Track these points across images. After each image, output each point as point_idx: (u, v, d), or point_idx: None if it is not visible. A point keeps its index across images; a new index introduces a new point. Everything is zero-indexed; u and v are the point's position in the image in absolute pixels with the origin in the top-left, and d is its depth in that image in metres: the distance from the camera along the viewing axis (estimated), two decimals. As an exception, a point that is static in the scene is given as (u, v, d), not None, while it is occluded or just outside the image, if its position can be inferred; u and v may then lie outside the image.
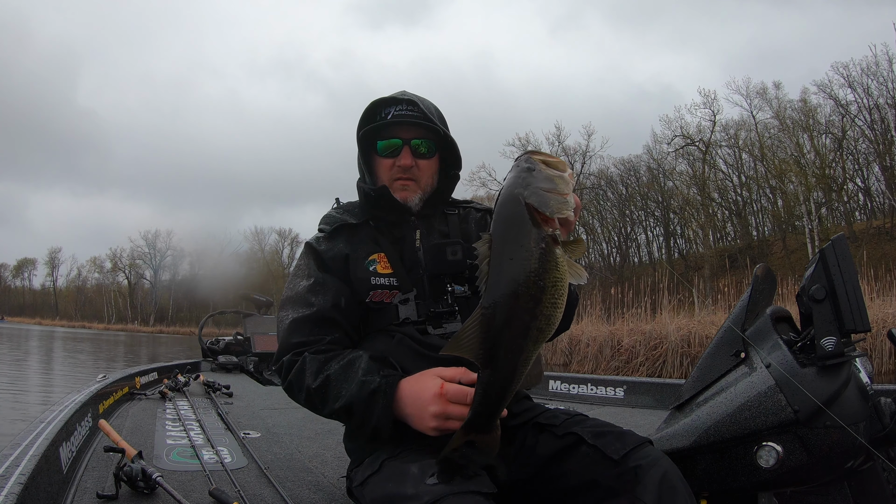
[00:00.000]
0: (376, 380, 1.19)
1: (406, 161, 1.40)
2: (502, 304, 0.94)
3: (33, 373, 13.45)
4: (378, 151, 1.43)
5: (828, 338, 1.29)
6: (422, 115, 1.41)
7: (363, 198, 1.48)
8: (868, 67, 28.23)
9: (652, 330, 11.48)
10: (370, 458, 1.23)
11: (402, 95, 1.43)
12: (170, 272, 75.00)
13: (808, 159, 29.43)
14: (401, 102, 1.41)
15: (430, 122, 1.41)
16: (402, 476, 1.10)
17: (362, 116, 1.43)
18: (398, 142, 1.40)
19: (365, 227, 1.46)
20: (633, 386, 3.74)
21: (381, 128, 1.41)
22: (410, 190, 1.43)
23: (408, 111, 1.40)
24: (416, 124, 1.41)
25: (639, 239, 42.16)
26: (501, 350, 0.95)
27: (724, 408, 1.37)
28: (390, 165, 1.42)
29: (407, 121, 1.39)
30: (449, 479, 1.04)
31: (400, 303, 1.35)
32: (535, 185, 0.95)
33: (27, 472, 1.43)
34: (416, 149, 1.42)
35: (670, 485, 1.07)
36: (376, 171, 1.46)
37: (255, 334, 5.77)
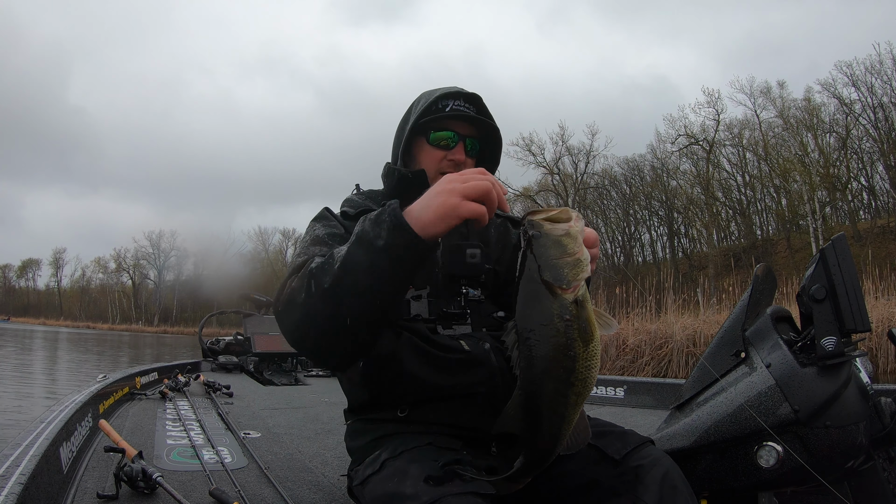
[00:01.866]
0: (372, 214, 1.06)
1: (459, 156, 1.38)
2: (538, 384, 0.98)
3: (37, 373, 13.51)
4: (430, 141, 1.39)
5: (828, 338, 1.28)
6: (480, 113, 1.40)
7: (394, 181, 1.42)
8: (872, 66, 28.20)
9: (657, 329, 11.45)
10: (371, 457, 1.22)
11: (463, 90, 1.41)
12: (174, 272, 75.38)
13: (812, 158, 29.36)
14: (460, 97, 1.39)
15: (490, 121, 1.40)
16: (403, 476, 1.09)
17: (421, 103, 1.40)
18: (454, 136, 1.38)
19: None
20: (633, 386, 3.73)
21: (437, 118, 1.38)
22: None
23: (466, 108, 1.39)
24: (471, 122, 1.39)
25: (643, 238, 42.18)
26: (544, 423, 1.00)
27: (725, 408, 1.37)
28: (440, 157, 1.39)
29: (467, 116, 1.38)
30: (448, 481, 1.04)
31: (412, 298, 1.32)
32: (545, 255, 0.96)
33: (27, 472, 1.42)
34: (467, 146, 1.40)
35: (672, 484, 1.07)
36: (419, 159, 1.42)
37: (255, 334, 5.78)
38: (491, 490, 1.07)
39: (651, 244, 41.69)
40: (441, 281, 1.35)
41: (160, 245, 73.11)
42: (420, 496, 1.01)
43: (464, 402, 1.25)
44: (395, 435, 1.24)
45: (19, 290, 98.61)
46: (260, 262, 66.29)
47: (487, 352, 1.28)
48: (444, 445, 1.19)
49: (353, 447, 1.34)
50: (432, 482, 1.04)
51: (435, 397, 1.25)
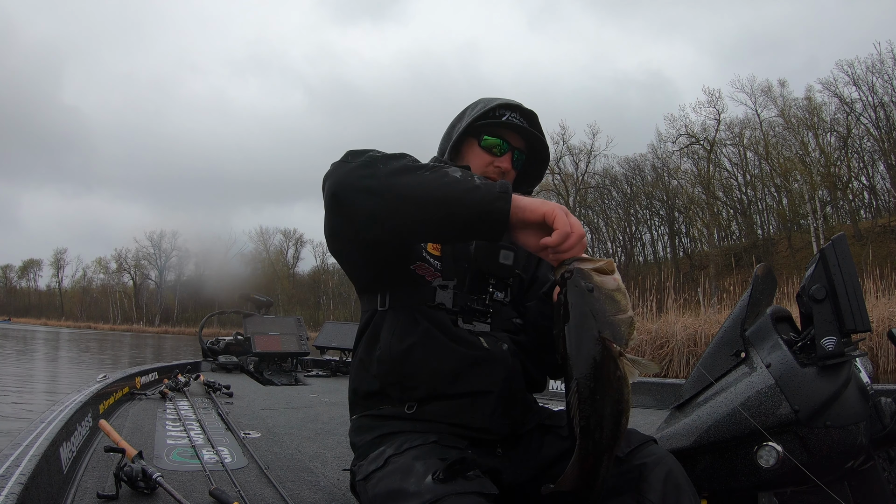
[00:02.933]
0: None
1: (506, 165, 1.40)
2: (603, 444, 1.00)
3: (37, 373, 13.53)
4: (481, 144, 1.42)
5: (828, 338, 1.28)
6: (534, 129, 1.43)
7: None
8: (873, 65, 28.19)
9: (658, 329, 11.47)
10: (375, 452, 1.22)
11: (521, 105, 1.44)
12: (175, 272, 75.45)
13: (812, 157, 29.34)
14: (517, 110, 1.42)
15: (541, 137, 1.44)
16: (407, 473, 1.09)
17: (479, 107, 1.42)
18: (505, 144, 1.41)
19: None
20: (633, 386, 3.72)
21: (492, 125, 1.41)
22: None
23: (520, 121, 1.42)
24: (523, 135, 1.42)
25: (644, 238, 42.17)
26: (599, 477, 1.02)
27: (725, 407, 1.37)
28: (488, 162, 1.41)
29: (520, 128, 1.41)
30: (451, 480, 1.04)
31: (439, 287, 1.33)
32: (602, 312, 0.98)
33: (27, 472, 1.43)
34: (514, 157, 1.42)
35: (675, 483, 1.07)
36: (467, 160, 1.44)
37: (255, 334, 5.77)
38: (494, 490, 1.07)
39: (652, 244, 41.72)
40: (470, 276, 1.35)
41: (161, 245, 73.26)
42: (423, 494, 1.02)
43: (475, 400, 1.25)
44: (400, 432, 1.24)
45: (20, 290, 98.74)
46: (261, 263, 66.39)
47: (505, 352, 1.29)
48: (449, 444, 1.19)
49: (358, 443, 1.33)
50: (436, 480, 1.04)
51: (446, 394, 1.25)
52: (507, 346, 1.30)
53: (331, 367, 6.01)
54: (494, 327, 1.34)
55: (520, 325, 1.39)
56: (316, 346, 6.41)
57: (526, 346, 1.37)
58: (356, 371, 1.36)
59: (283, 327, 6.04)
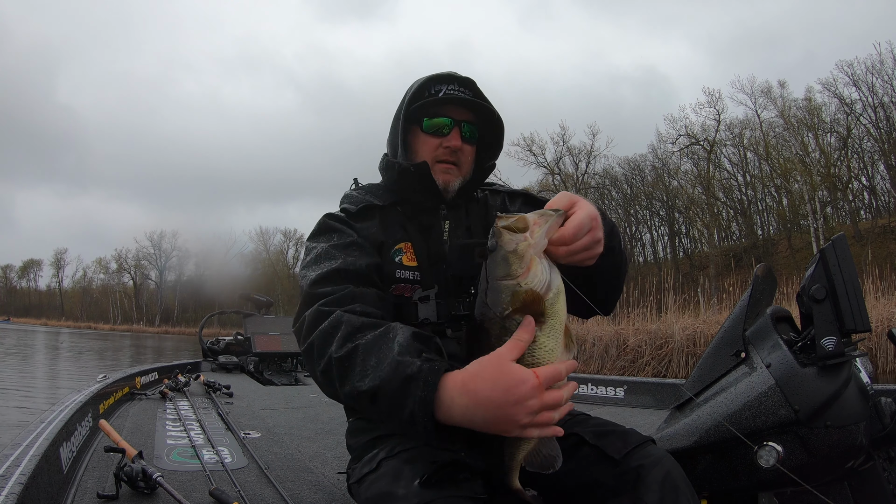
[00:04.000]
0: (417, 363, 0.96)
1: (455, 142, 1.33)
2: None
3: (37, 373, 13.52)
4: (423, 129, 1.34)
5: (828, 338, 1.28)
6: (474, 97, 1.35)
7: (395, 176, 1.37)
8: (873, 66, 28.13)
9: (657, 329, 11.46)
10: (369, 455, 1.21)
11: (456, 73, 1.36)
12: (175, 273, 75.43)
13: (812, 158, 29.32)
14: (453, 81, 1.34)
15: (486, 104, 1.34)
16: (397, 476, 1.09)
17: (412, 91, 1.34)
18: (448, 121, 1.32)
19: (392, 211, 1.37)
20: (633, 386, 3.73)
21: (430, 104, 1.33)
22: (453, 174, 1.35)
23: (461, 91, 1.33)
24: (467, 106, 1.34)
25: (644, 238, 42.12)
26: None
27: (725, 408, 1.36)
28: (436, 145, 1.34)
29: (460, 98, 1.32)
30: (438, 484, 1.03)
31: (420, 300, 1.28)
32: (493, 272, 0.94)
33: (27, 472, 1.43)
34: (464, 131, 1.34)
35: (673, 484, 1.05)
36: (416, 149, 1.36)
37: (255, 334, 5.78)
38: (482, 493, 1.06)
39: (652, 244, 41.69)
40: (450, 281, 1.31)
41: (161, 245, 73.32)
42: (410, 498, 1.01)
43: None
44: (394, 435, 1.23)
45: (20, 290, 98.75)
46: (261, 263, 66.35)
47: None
48: (442, 447, 1.17)
49: (353, 445, 1.33)
50: (425, 484, 1.03)
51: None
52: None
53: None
54: None
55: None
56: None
57: None
58: None
59: (283, 327, 6.04)
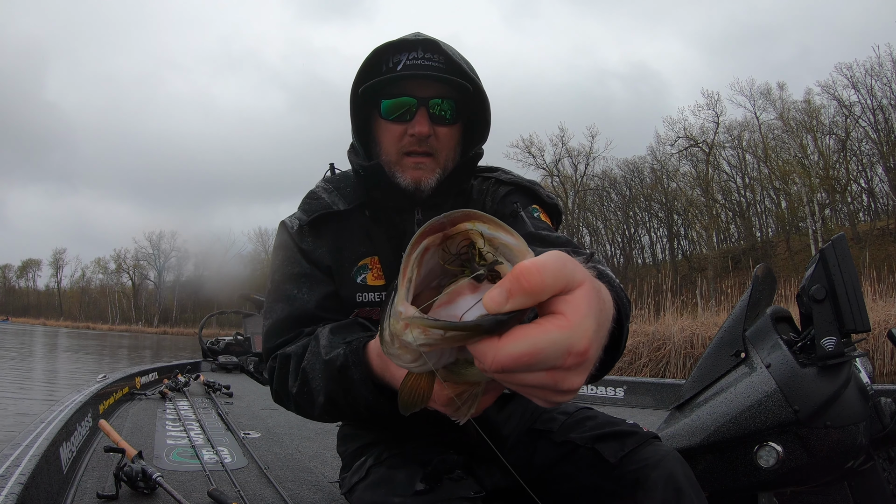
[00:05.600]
0: (339, 353, 0.91)
1: (421, 128, 1.06)
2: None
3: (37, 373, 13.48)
4: (382, 114, 1.09)
5: (828, 338, 1.28)
6: (445, 65, 1.07)
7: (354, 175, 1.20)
8: (872, 68, 28.21)
9: (655, 331, 11.44)
10: (358, 463, 1.20)
11: (417, 37, 1.08)
12: (174, 273, 75.30)
13: (811, 160, 29.37)
14: (416, 47, 1.06)
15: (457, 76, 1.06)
16: (390, 483, 1.07)
17: (362, 66, 1.08)
18: (411, 101, 1.06)
19: (356, 216, 1.17)
20: (633, 386, 3.73)
21: (388, 81, 1.07)
22: (426, 168, 1.11)
23: (425, 60, 1.06)
24: (437, 78, 1.06)
25: (642, 240, 42.15)
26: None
27: (725, 408, 1.37)
28: (400, 134, 1.09)
29: (423, 73, 1.05)
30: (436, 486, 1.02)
31: None
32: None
33: (27, 472, 1.43)
34: (434, 111, 1.07)
35: (675, 486, 1.00)
36: (379, 140, 1.13)
37: (255, 334, 5.78)
38: (480, 490, 1.05)
39: (651, 246, 41.70)
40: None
41: (160, 246, 73.15)
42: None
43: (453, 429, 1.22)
44: (381, 442, 1.21)
45: (19, 290, 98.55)
46: (260, 264, 66.19)
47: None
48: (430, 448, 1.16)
49: (343, 452, 1.33)
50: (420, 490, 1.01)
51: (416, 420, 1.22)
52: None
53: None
54: None
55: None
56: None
57: None
58: None
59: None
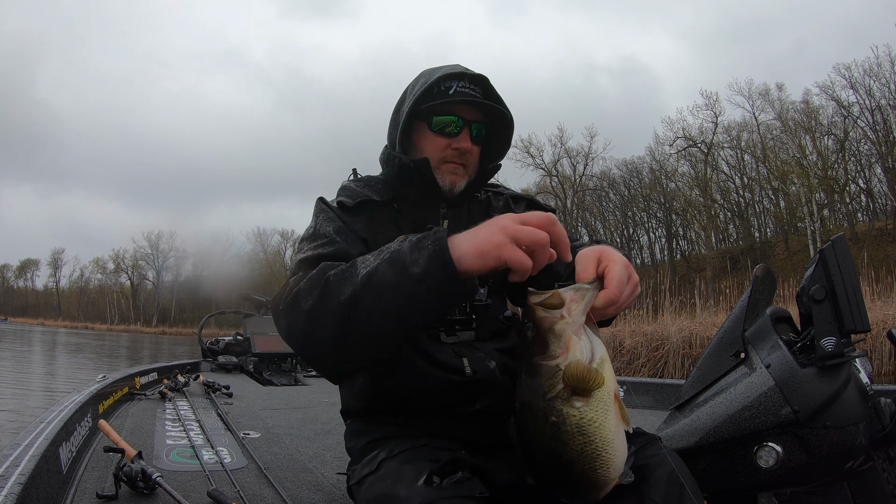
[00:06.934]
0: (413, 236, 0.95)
1: (465, 144, 1.28)
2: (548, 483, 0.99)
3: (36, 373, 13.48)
4: (432, 127, 1.28)
5: (828, 338, 1.28)
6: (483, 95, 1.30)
7: (394, 171, 1.32)
8: (870, 69, 28.31)
9: (654, 331, 11.47)
10: (369, 457, 1.21)
11: (467, 70, 1.30)
12: (172, 273, 75.29)
13: (810, 161, 29.46)
14: (464, 78, 1.28)
15: (499, 106, 1.29)
16: (398, 477, 1.09)
17: (422, 87, 1.27)
18: (459, 121, 1.27)
19: (388, 208, 1.32)
20: (632, 386, 3.73)
21: (440, 102, 1.27)
22: (459, 174, 1.31)
23: (470, 88, 1.28)
24: (480, 104, 1.28)
25: (641, 240, 42.23)
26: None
27: (724, 408, 1.37)
28: (444, 145, 1.28)
29: (471, 100, 1.27)
30: (440, 483, 1.04)
31: None
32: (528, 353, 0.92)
33: (27, 473, 1.43)
34: (473, 132, 1.29)
35: (678, 482, 1.05)
36: (420, 146, 1.31)
37: (255, 334, 5.77)
38: (484, 492, 1.06)
39: (649, 246, 41.80)
40: None
41: (159, 246, 73.11)
42: (413, 498, 1.01)
43: (466, 419, 1.23)
44: (393, 437, 1.23)
45: (17, 290, 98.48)
46: (258, 263, 66.29)
47: (492, 371, 1.23)
48: (441, 446, 1.19)
49: (352, 447, 1.33)
50: (427, 484, 1.03)
51: (433, 414, 1.24)
52: (494, 363, 1.24)
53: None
54: (480, 333, 1.28)
55: (507, 320, 1.33)
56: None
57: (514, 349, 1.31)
58: (342, 393, 1.37)
59: (282, 328, 6.02)
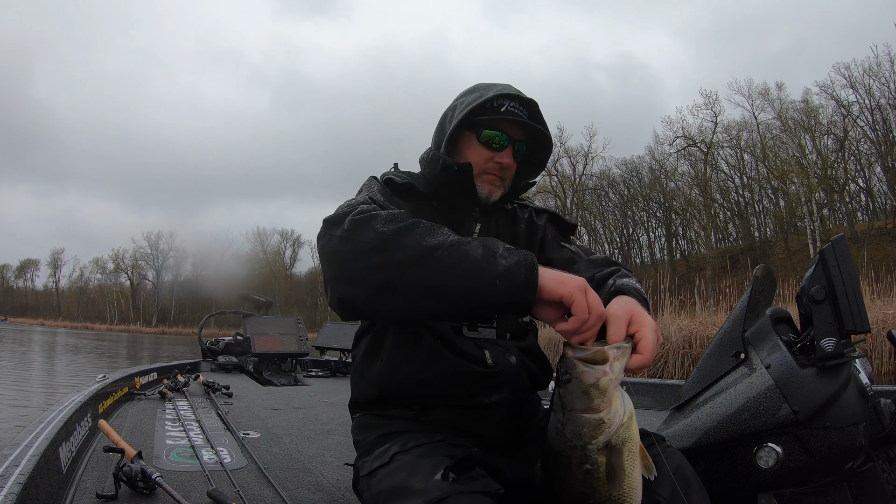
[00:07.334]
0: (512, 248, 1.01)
1: (507, 160, 1.35)
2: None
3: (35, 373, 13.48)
4: (480, 139, 1.35)
5: (827, 339, 1.28)
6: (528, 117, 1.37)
7: (437, 169, 1.38)
8: (870, 68, 28.30)
9: (653, 331, 11.45)
10: (380, 449, 1.21)
11: (520, 93, 1.37)
12: (172, 273, 75.24)
13: (809, 160, 29.46)
14: (515, 99, 1.35)
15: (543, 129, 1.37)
16: (412, 470, 1.09)
17: (475, 97, 1.35)
18: (506, 138, 1.34)
19: (427, 202, 1.39)
20: (632, 386, 3.73)
21: (492, 118, 1.34)
22: (497, 185, 1.38)
23: (518, 109, 1.35)
24: (523, 126, 1.36)
25: (641, 240, 42.24)
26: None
27: (724, 408, 1.37)
28: (487, 157, 1.35)
29: (519, 120, 1.34)
30: (457, 478, 1.04)
31: None
32: (571, 404, 0.94)
33: (27, 472, 1.42)
34: (516, 149, 1.37)
35: (684, 478, 1.08)
36: (465, 154, 1.38)
37: (254, 334, 5.76)
38: (500, 488, 1.07)
39: (649, 246, 41.80)
40: None
41: (158, 246, 73.04)
42: (429, 492, 1.01)
43: (481, 412, 1.24)
44: (405, 431, 1.24)
45: (17, 290, 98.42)
46: (258, 263, 66.23)
47: (513, 366, 1.26)
48: (455, 442, 1.19)
49: (361, 440, 1.33)
50: (443, 478, 1.04)
51: (450, 405, 1.25)
52: (514, 359, 1.28)
53: (330, 367, 6.00)
54: (500, 331, 1.31)
55: (528, 322, 1.38)
56: (315, 346, 6.40)
57: (532, 349, 1.36)
58: (355, 380, 1.37)
59: (282, 328, 6.03)
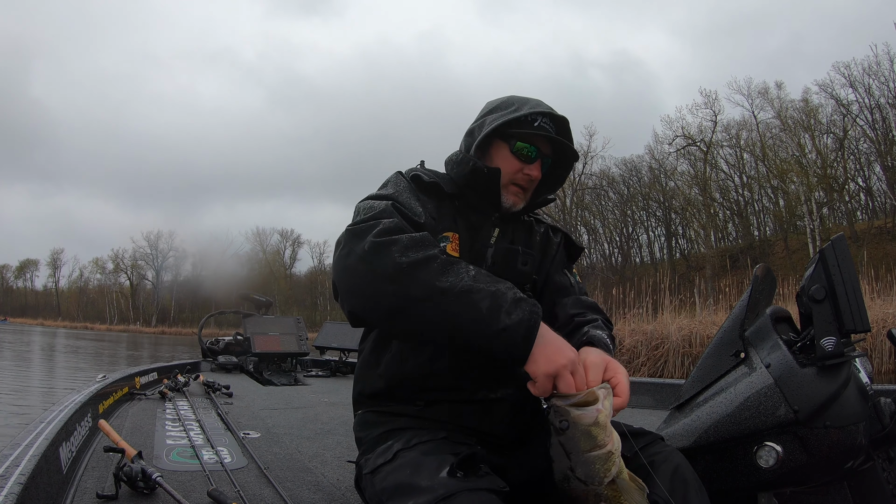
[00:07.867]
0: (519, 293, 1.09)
1: (536, 173, 1.38)
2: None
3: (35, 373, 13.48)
4: (512, 149, 1.38)
5: (827, 338, 1.28)
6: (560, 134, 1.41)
7: (466, 170, 1.41)
8: (869, 67, 28.35)
9: (653, 330, 11.46)
10: (384, 446, 1.22)
11: (553, 111, 1.41)
12: (172, 273, 75.23)
13: (809, 159, 29.50)
14: (548, 116, 1.39)
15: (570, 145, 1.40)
16: (417, 467, 1.09)
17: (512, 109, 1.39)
18: (536, 151, 1.38)
19: (451, 202, 1.41)
20: (632, 386, 3.71)
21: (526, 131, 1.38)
22: (520, 197, 1.41)
23: (550, 126, 1.39)
24: (551, 142, 1.39)
25: (640, 239, 42.25)
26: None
27: (724, 408, 1.37)
28: (517, 168, 1.38)
29: (549, 136, 1.38)
30: (463, 476, 1.05)
31: None
32: (576, 448, 0.97)
33: (27, 473, 1.42)
34: (543, 163, 1.40)
35: (683, 478, 1.09)
36: (494, 161, 1.41)
37: (255, 334, 5.76)
38: (505, 486, 1.07)
39: (649, 245, 41.82)
40: None
41: (158, 245, 73.04)
42: (435, 489, 1.01)
43: (486, 407, 1.25)
44: (408, 428, 1.24)
45: (17, 290, 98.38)
46: (258, 263, 66.23)
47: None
48: (459, 441, 1.20)
49: (364, 437, 1.33)
50: (449, 475, 1.04)
51: (456, 399, 1.25)
52: None
53: (330, 367, 6.00)
54: None
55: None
56: (315, 346, 6.39)
57: None
58: (362, 370, 1.36)
59: (282, 327, 6.03)
